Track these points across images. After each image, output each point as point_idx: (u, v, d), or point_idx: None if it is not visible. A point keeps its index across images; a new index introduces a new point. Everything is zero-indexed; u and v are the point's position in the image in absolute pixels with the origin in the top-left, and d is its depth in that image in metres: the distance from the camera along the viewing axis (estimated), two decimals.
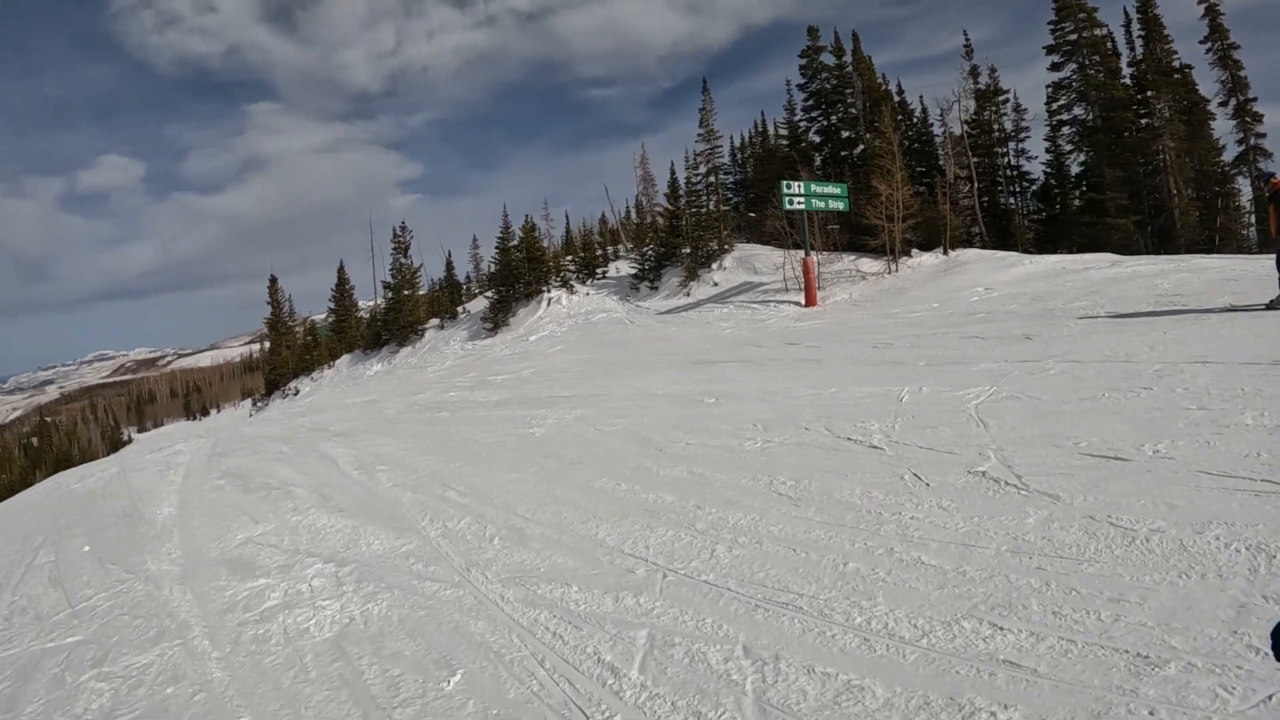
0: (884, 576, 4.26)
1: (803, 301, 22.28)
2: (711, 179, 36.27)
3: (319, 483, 8.96)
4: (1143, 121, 27.17)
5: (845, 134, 32.26)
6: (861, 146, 30.60)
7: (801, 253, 23.59)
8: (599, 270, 37.74)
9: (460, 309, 38.95)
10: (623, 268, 37.02)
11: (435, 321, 37.14)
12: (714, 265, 30.79)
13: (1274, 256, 10.36)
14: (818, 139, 33.76)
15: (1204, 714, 2.72)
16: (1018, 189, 30.64)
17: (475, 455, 9.24)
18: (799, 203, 23.38)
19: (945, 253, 24.35)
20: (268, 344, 52.75)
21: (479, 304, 37.14)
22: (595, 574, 4.99)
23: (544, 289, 32.57)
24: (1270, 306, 9.93)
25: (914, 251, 24.87)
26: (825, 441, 7.26)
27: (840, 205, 24.82)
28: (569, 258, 39.95)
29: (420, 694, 3.80)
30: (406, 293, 37.03)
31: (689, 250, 31.58)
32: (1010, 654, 3.29)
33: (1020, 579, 3.93)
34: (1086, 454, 5.57)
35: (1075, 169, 28.89)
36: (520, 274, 32.99)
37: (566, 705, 3.51)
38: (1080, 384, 7.62)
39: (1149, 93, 27.00)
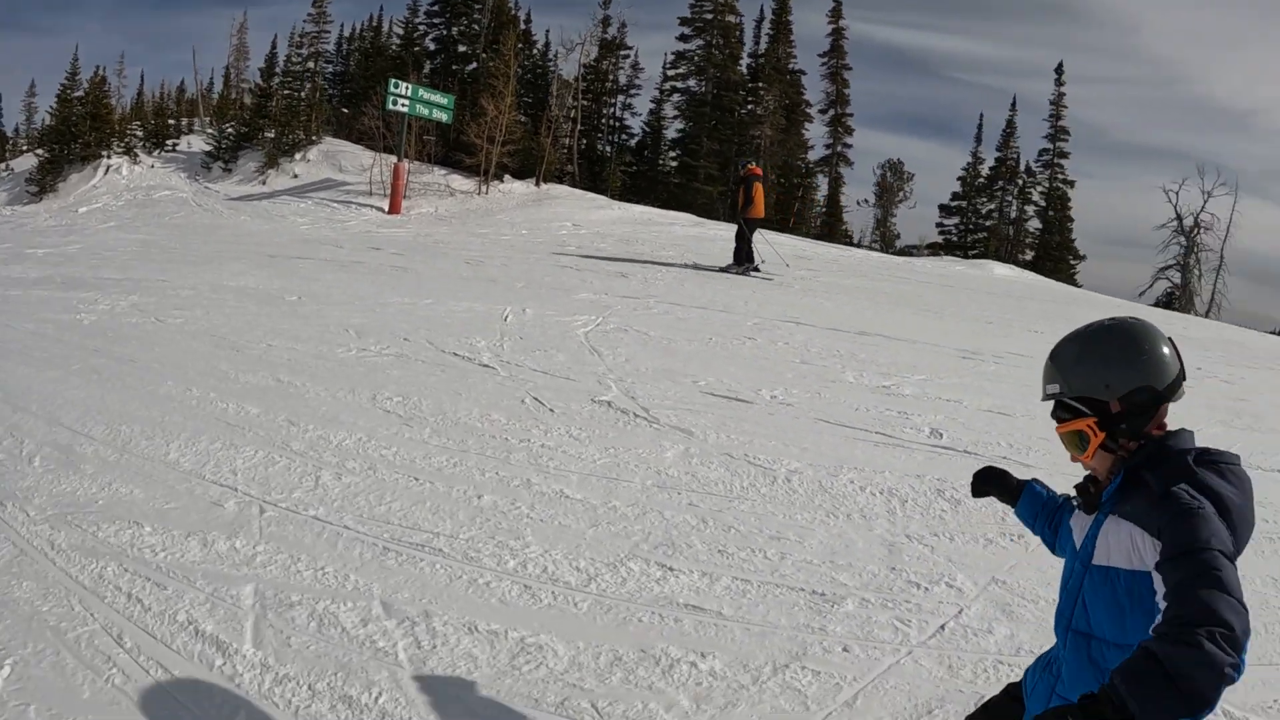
0: (528, 512, 3.91)
1: (386, 208, 21.59)
2: (312, 64, 33.61)
3: None
4: (749, 107, 31.51)
5: (463, 49, 32.31)
6: (475, 65, 30.95)
7: (393, 158, 22.83)
8: (169, 142, 32.95)
9: (3, 166, 33.63)
10: (196, 143, 32.62)
11: None
12: (298, 156, 28.73)
13: (735, 228, 12.75)
14: (433, 47, 33.36)
15: (892, 646, 2.85)
16: (616, 139, 32.99)
17: (5, 346, 7.52)
18: (403, 105, 23.03)
19: (538, 184, 25.22)
20: None
21: (27, 163, 31.97)
22: (172, 508, 3.99)
23: (104, 154, 29.17)
24: (723, 270, 12.37)
25: (507, 178, 25.48)
26: (429, 356, 6.84)
27: (444, 116, 24.86)
28: (137, 123, 35.03)
29: None
30: None
31: (273, 135, 28.82)
32: (689, 597, 3.15)
33: (675, 515, 3.87)
34: (708, 393, 5.87)
35: (673, 134, 32.36)
36: (80, 133, 29.36)
37: (167, 701, 2.58)
38: (686, 325, 8.18)
39: (760, 84, 31.42)
